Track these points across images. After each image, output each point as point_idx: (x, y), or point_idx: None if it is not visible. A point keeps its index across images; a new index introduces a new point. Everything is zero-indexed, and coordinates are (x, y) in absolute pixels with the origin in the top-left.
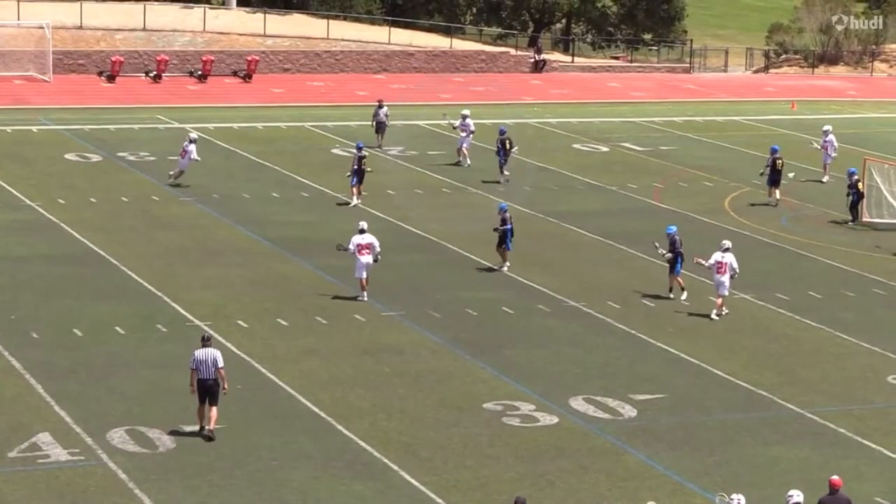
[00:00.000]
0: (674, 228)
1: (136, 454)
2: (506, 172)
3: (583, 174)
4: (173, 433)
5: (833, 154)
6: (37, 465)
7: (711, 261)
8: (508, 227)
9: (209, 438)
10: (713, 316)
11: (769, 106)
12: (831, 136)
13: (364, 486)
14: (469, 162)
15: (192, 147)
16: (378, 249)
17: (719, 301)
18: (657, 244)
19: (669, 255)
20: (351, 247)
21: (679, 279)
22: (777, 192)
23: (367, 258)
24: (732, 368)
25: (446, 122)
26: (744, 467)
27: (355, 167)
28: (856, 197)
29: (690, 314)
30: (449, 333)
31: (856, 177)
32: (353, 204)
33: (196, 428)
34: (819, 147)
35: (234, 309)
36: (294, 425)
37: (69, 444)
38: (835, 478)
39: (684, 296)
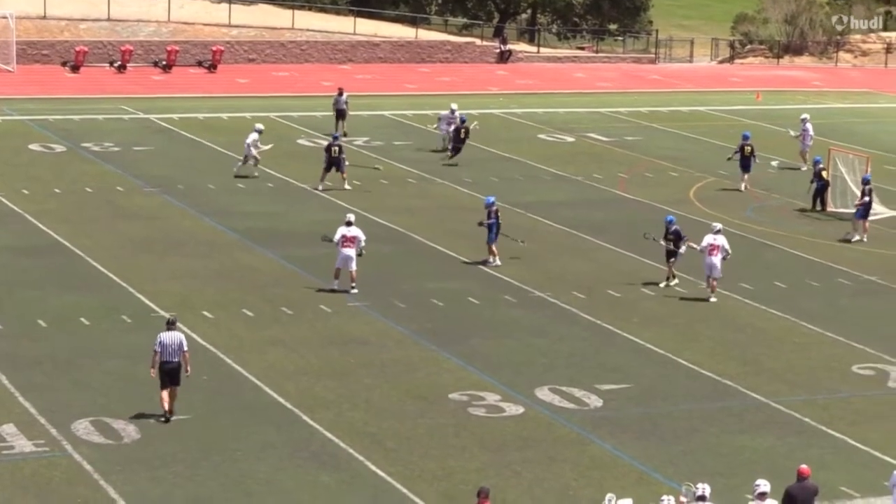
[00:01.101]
0: (672, 217)
1: (102, 445)
2: (453, 158)
3: (548, 164)
4: (138, 424)
5: (809, 143)
6: (1, 456)
7: (704, 243)
8: (492, 220)
9: (169, 413)
10: (711, 299)
11: (734, 96)
12: (808, 125)
13: (329, 477)
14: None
15: (254, 135)
16: (363, 244)
17: (714, 283)
18: (654, 236)
19: (684, 248)
20: (336, 238)
21: (673, 268)
22: (745, 178)
23: (349, 251)
24: (697, 358)
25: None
26: (709, 457)
27: (326, 155)
28: (820, 185)
29: (677, 298)
30: (414, 324)
31: (820, 165)
32: (321, 188)
33: (161, 414)
34: (796, 136)
35: (199, 300)
36: (259, 416)
37: (34, 435)
38: (803, 466)
39: (675, 282)
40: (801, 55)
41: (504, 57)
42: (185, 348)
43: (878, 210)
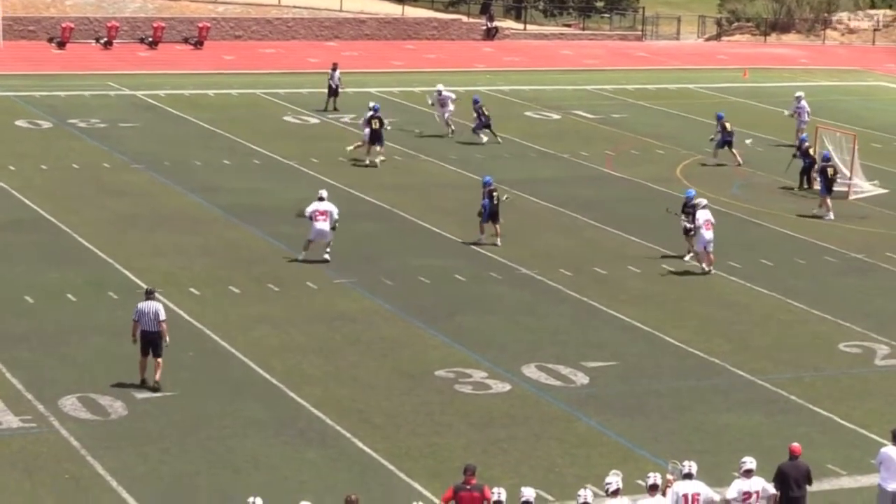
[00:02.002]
0: (693, 192)
1: (88, 421)
2: (484, 138)
3: (535, 142)
4: (125, 400)
5: (806, 120)
6: None
7: (699, 220)
8: (485, 202)
9: (155, 389)
10: (709, 270)
11: (721, 74)
12: (804, 102)
13: (316, 453)
14: (452, 128)
15: (369, 114)
16: (336, 217)
17: (711, 257)
18: (676, 211)
19: (691, 225)
20: (308, 211)
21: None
22: (735, 153)
23: (323, 224)
24: (684, 336)
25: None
26: (695, 434)
27: (367, 129)
28: (807, 163)
29: (688, 269)
30: (401, 301)
31: (807, 143)
32: (367, 162)
33: (142, 388)
34: (790, 114)
35: (185, 276)
36: (246, 393)
37: (21, 411)
38: (795, 444)
39: (687, 257)
40: (789, 33)
41: (491, 34)
42: (163, 318)
43: (865, 187)
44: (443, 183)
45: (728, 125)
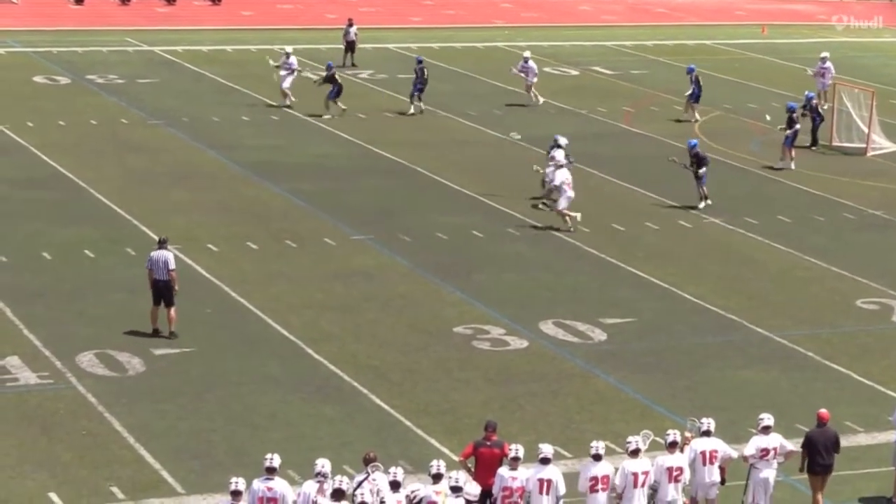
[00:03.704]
0: (695, 142)
1: (106, 377)
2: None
3: (553, 98)
4: (143, 357)
5: (828, 82)
6: (6, 388)
7: (561, 179)
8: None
9: (172, 336)
10: (573, 228)
11: (740, 30)
12: (829, 63)
13: (333, 410)
14: (294, 99)
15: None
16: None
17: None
18: (675, 158)
19: (702, 170)
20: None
21: (704, 189)
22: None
23: (547, 169)
24: (701, 292)
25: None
26: (713, 391)
27: (417, 76)
28: (818, 121)
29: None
30: (418, 257)
31: (815, 101)
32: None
33: (159, 345)
34: (812, 74)
35: (203, 233)
36: (264, 349)
37: (38, 367)
38: (823, 411)
39: (702, 205)
40: None
41: None
42: (172, 267)
43: (884, 144)
44: (461, 139)
45: (700, 79)
